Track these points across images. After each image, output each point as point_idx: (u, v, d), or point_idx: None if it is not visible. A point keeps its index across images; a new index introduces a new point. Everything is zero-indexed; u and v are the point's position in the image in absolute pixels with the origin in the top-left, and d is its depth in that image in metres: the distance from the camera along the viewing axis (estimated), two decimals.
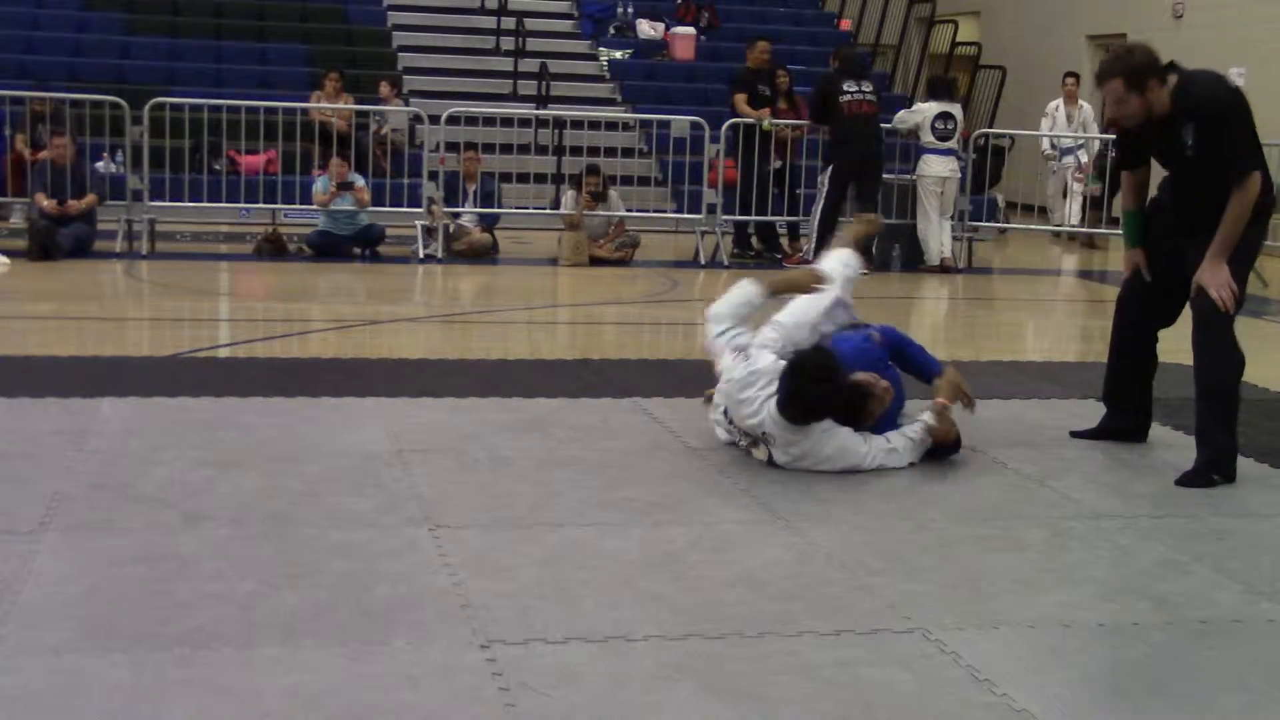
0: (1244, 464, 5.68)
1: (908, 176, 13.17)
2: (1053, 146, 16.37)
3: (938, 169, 12.84)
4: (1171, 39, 18.46)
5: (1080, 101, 16.46)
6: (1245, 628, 3.94)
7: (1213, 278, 5.26)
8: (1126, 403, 6.01)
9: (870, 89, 12.81)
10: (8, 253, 11.13)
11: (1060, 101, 16.56)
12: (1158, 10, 18.81)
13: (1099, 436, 6.03)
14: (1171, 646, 3.78)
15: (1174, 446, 5.97)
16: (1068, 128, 16.27)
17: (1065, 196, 16.08)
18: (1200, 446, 5.47)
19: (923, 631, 3.76)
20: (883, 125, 12.95)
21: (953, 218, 13.05)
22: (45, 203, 11.43)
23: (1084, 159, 15.78)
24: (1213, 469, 5.37)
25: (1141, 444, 6.02)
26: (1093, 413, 6.57)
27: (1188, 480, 5.35)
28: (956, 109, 13.34)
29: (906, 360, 5.81)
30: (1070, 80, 16.67)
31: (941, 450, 5.54)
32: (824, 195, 12.50)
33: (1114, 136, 6.75)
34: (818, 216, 12.52)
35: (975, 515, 4.90)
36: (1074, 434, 6.08)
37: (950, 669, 3.53)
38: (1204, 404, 5.46)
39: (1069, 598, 4.10)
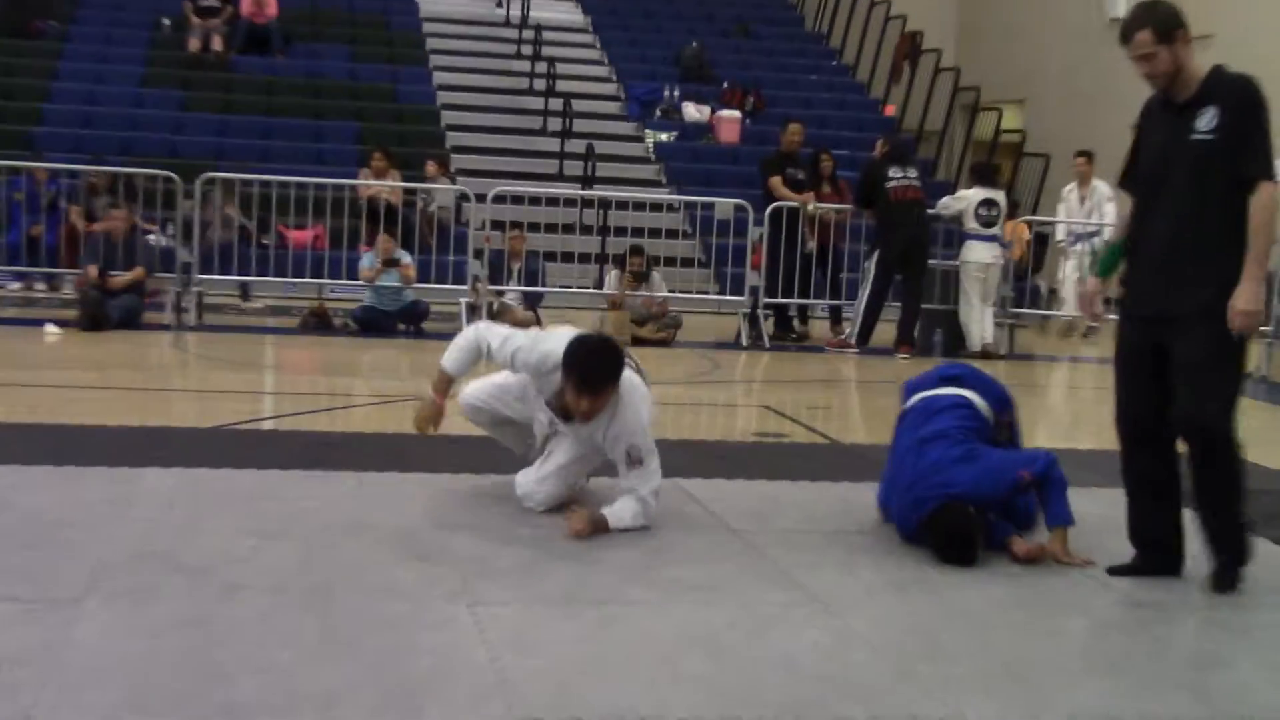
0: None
1: (952, 262, 13.17)
2: (1069, 234, 15.85)
3: (981, 255, 12.82)
4: None
5: (1094, 181, 15.65)
6: None
7: (1244, 303, 4.70)
8: (1152, 536, 5.26)
9: (915, 175, 12.87)
10: (59, 322, 11.30)
11: (1074, 184, 15.97)
12: None
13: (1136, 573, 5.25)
14: None
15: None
16: (1079, 210, 15.65)
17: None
18: (1218, 551, 5.04)
19: (958, 719, 3.74)
20: (928, 211, 12.97)
21: (995, 304, 13.03)
22: (95, 274, 11.59)
23: (1099, 244, 14.77)
24: (1240, 566, 5.03)
25: (1188, 537, 5.94)
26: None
27: (1221, 586, 4.97)
28: (1000, 196, 13.34)
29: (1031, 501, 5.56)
30: (1081, 160, 16.01)
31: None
32: (870, 281, 12.53)
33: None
34: (863, 301, 12.55)
35: (1015, 602, 4.86)
36: (1112, 570, 5.26)
37: None
38: (1208, 514, 5.03)
39: (1110, 688, 4.06)
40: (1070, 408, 11.04)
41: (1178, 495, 5.18)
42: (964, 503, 5.23)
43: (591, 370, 5.41)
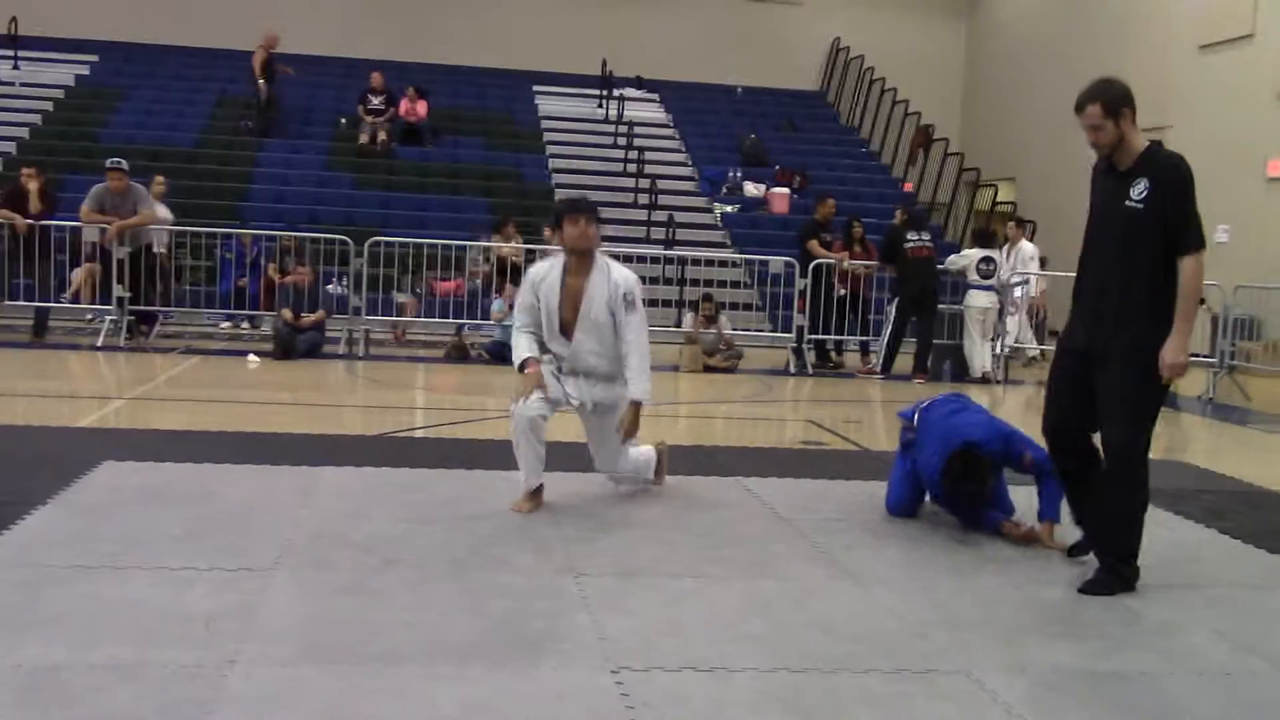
0: (1230, 544, 5.50)
1: (957, 306, 13.03)
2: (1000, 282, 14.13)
3: (981, 301, 12.71)
4: None
5: (1021, 242, 14.60)
6: (1234, 679, 3.78)
7: (1172, 356, 4.41)
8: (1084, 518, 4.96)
9: (928, 238, 12.76)
10: (258, 353, 11.45)
11: (1007, 245, 14.56)
12: None
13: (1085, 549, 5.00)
14: (1173, 693, 3.63)
15: (1171, 527, 5.78)
16: (1007, 265, 14.05)
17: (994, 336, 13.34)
18: (1103, 554, 4.72)
19: (965, 673, 3.66)
20: (938, 266, 12.87)
21: (992, 340, 12.88)
22: (287, 315, 11.74)
23: (1018, 293, 13.89)
24: (1115, 583, 4.61)
25: (1150, 527, 5.80)
26: None
27: (1094, 588, 4.58)
28: (996, 254, 13.22)
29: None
30: (1012, 225, 15.14)
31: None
32: (891, 322, 12.46)
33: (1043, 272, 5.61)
34: (886, 338, 12.49)
35: (1009, 579, 4.76)
36: (1070, 550, 5.06)
37: (988, 705, 3.43)
38: (1108, 532, 4.72)
39: (1087, 649, 3.96)
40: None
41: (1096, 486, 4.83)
42: (978, 448, 5.20)
43: (577, 201, 5.62)
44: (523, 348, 5.52)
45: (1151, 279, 4.50)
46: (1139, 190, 4.52)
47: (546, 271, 5.53)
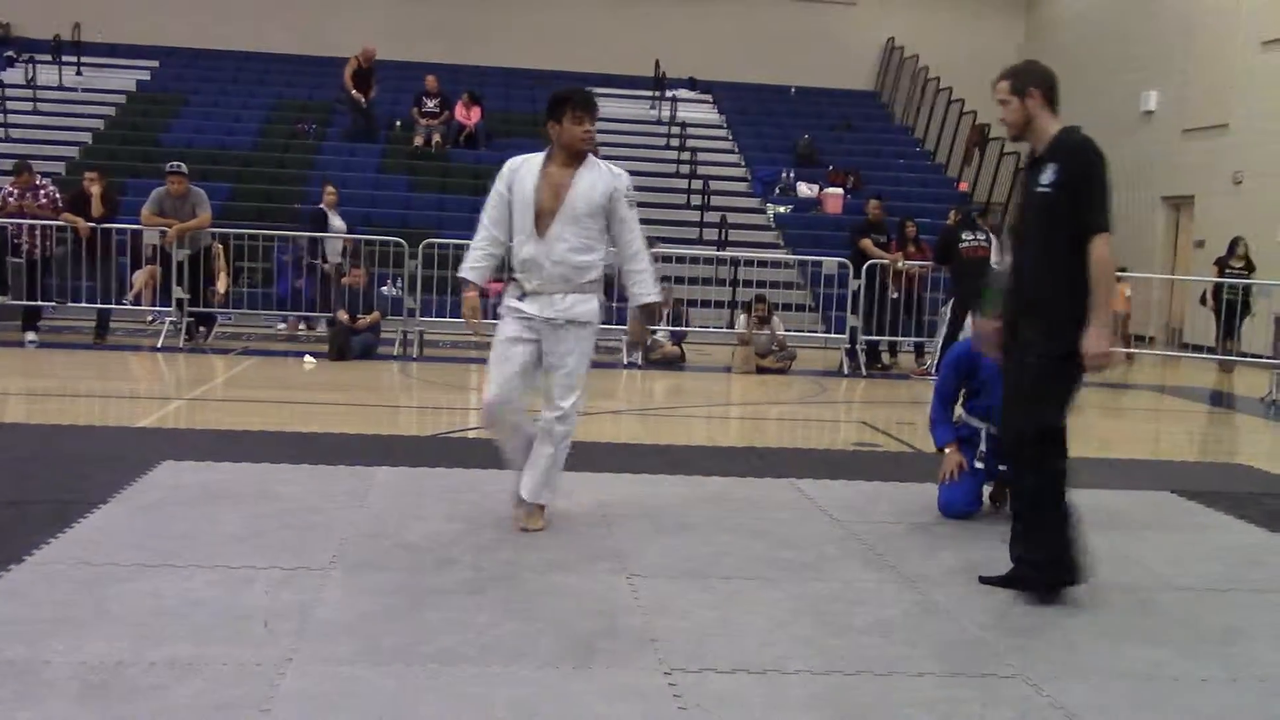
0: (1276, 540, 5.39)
1: None
2: None
3: None
4: (1232, 200, 17.89)
5: None
6: None
7: (1093, 347, 4.25)
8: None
9: (984, 237, 12.61)
10: (314, 354, 11.56)
11: None
12: (1221, 177, 18.23)
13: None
14: (1236, 700, 3.56)
15: (1233, 531, 5.69)
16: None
17: None
18: (1021, 553, 4.50)
19: (1023, 678, 3.61)
20: (993, 266, 12.73)
21: None
22: (344, 317, 11.85)
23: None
24: (1028, 583, 4.42)
25: (1212, 530, 5.73)
26: (1166, 503, 6.31)
27: (999, 581, 4.48)
28: None
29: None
30: None
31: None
32: (946, 322, 12.33)
33: None
34: (942, 338, 12.36)
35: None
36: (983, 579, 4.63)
37: (1047, 710, 3.38)
38: (1022, 523, 4.51)
39: (1149, 655, 3.90)
40: (1108, 423, 10.70)
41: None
42: None
43: (587, 95, 4.92)
44: (469, 260, 4.98)
45: (1065, 266, 4.30)
46: (1048, 175, 4.35)
47: (522, 162, 4.97)
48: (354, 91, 19.08)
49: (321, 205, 13.86)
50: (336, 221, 13.73)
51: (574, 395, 4.98)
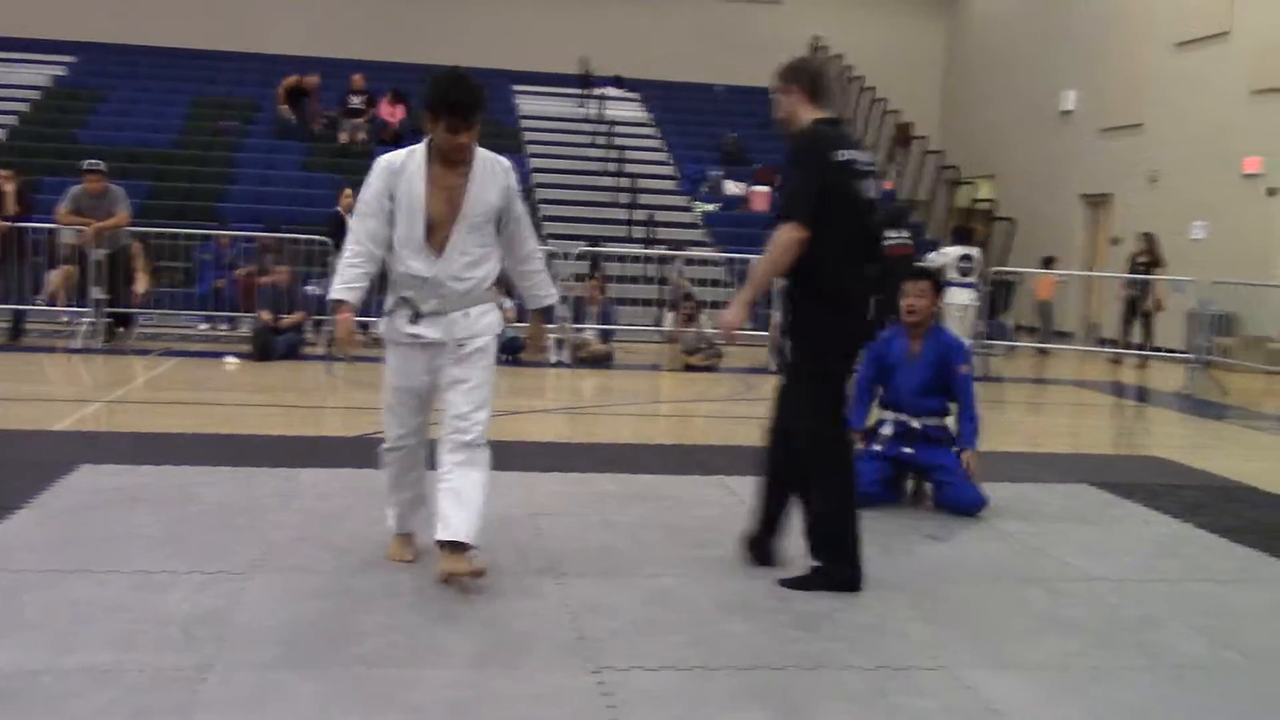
0: (1208, 538, 5.52)
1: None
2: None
3: (960, 298, 12.73)
4: (1148, 198, 18.29)
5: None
6: (1211, 673, 3.79)
7: (728, 315, 4.27)
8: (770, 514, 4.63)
9: (907, 235, 12.77)
10: (236, 355, 11.39)
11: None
12: (1137, 175, 18.62)
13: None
14: (1152, 687, 3.64)
15: (1149, 523, 5.82)
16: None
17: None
18: (811, 550, 4.44)
19: (946, 669, 3.67)
20: (916, 264, 12.87)
21: (972, 337, 12.90)
22: (265, 317, 11.69)
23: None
24: (819, 582, 4.38)
25: (1128, 522, 5.85)
26: (1083, 496, 6.44)
27: (792, 583, 4.40)
28: (976, 251, 13.24)
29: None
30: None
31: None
32: None
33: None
34: None
35: (988, 575, 4.78)
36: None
37: (969, 701, 3.43)
38: (813, 531, 4.44)
39: (1067, 644, 3.97)
40: (1032, 419, 10.88)
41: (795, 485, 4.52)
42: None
43: (465, 98, 4.11)
44: (343, 278, 4.25)
45: (805, 257, 4.19)
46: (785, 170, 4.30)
47: (403, 162, 4.24)
48: (284, 106, 19.08)
49: (339, 209, 13.71)
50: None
51: (487, 409, 4.46)
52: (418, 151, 4.26)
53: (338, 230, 13.32)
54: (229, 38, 22.57)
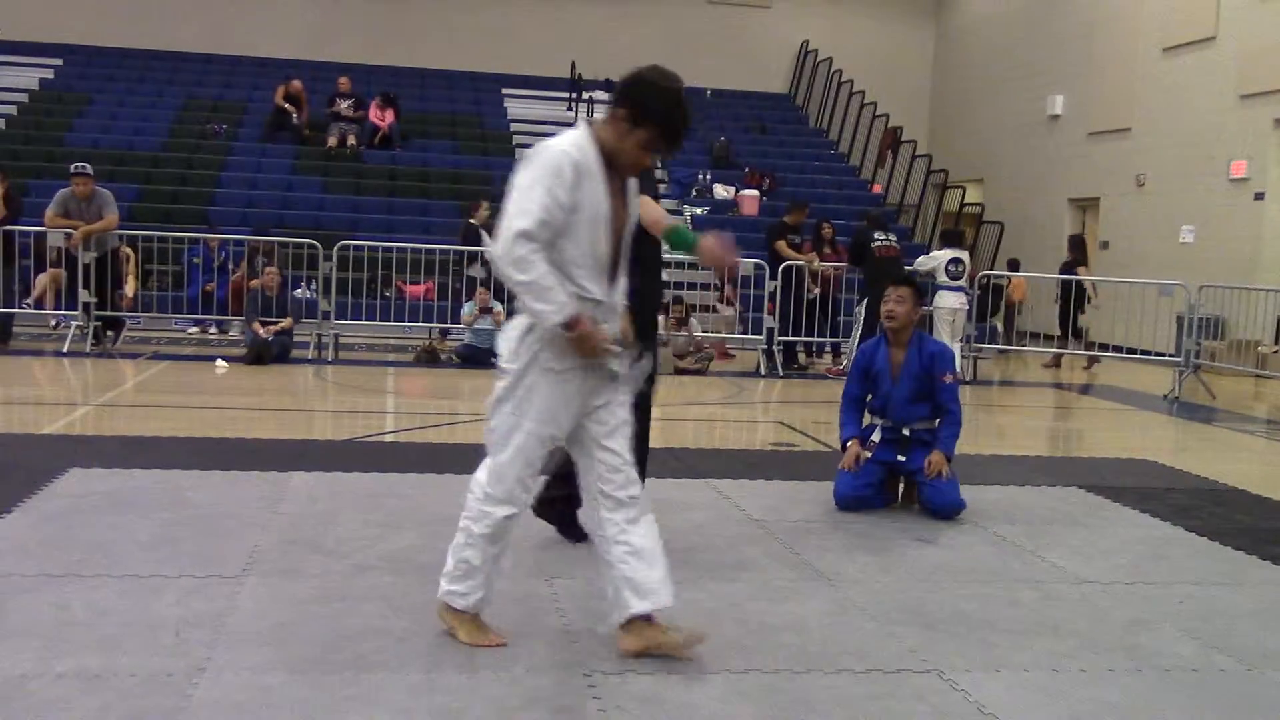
0: (1197, 541, 5.55)
1: (926, 308, 13.06)
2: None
3: (950, 302, 12.74)
4: (1136, 202, 18.35)
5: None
6: (1201, 675, 3.81)
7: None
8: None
9: (895, 238, 12.81)
10: (226, 358, 11.37)
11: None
12: (1125, 179, 18.69)
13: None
14: (1141, 690, 3.65)
15: (1139, 525, 5.84)
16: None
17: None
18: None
19: (938, 672, 3.67)
20: (906, 267, 12.90)
21: (961, 340, 12.92)
22: (258, 328, 11.67)
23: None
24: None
25: (1118, 525, 5.87)
26: (1073, 498, 6.45)
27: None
28: (965, 255, 13.27)
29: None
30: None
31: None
32: (861, 322, 12.47)
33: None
34: (856, 338, 12.49)
35: (979, 578, 4.79)
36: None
37: (960, 704, 3.44)
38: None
39: (1057, 647, 3.98)
40: (1022, 421, 10.91)
41: None
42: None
43: (684, 127, 3.66)
44: (557, 299, 3.44)
45: None
46: None
47: (581, 156, 3.49)
48: (286, 105, 19.08)
49: (473, 220, 13.70)
50: (489, 240, 13.41)
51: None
52: (587, 148, 3.52)
53: (469, 242, 13.35)
54: (216, 41, 22.54)
